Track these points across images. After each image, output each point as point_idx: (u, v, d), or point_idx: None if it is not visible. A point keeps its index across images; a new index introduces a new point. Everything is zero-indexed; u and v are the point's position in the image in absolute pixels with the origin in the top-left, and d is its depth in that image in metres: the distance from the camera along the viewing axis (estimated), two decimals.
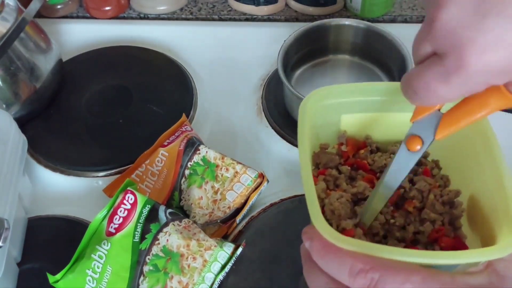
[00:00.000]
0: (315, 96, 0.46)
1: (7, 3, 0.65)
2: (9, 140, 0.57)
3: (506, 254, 0.35)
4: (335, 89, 0.47)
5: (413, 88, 0.34)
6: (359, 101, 0.48)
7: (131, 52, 0.81)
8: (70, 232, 0.60)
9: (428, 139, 0.40)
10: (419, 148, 0.41)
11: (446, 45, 0.31)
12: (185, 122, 0.67)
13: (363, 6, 0.83)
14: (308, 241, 0.37)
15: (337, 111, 0.48)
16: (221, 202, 0.59)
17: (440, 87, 0.32)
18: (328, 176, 0.47)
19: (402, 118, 0.48)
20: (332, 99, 0.47)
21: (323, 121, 0.48)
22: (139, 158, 0.64)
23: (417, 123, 0.40)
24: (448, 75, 0.31)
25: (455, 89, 0.32)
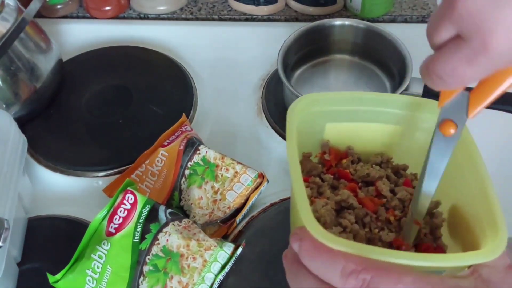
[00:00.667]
0: (303, 101, 0.46)
1: (7, 3, 0.65)
2: (9, 140, 0.57)
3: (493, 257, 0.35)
4: (322, 96, 0.47)
5: (438, 73, 0.34)
6: (345, 110, 0.48)
7: (131, 52, 0.81)
8: (70, 232, 0.60)
9: (461, 121, 0.40)
10: (454, 132, 0.40)
11: (471, 27, 0.31)
12: (185, 122, 0.67)
13: (363, 6, 0.83)
14: (297, 242, 0.36)
15: (322, 119, 0.48)
16: (221, 202, 0.59)
17: (467, 70, 0.32)
18: (312, 184, 0.47)
19: (385, 129, 0.49)
20: (319, 106, 0.47)
21: (308, 129, 0.48)
22: (139, 158, 0.64)
23: (446, 107, 0.40)
24: (475, 57, 0.31)
25: (481, 70, 0.32)
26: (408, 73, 0.64)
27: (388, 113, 0.48)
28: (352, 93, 0.48)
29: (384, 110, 0.48)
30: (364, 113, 0.48)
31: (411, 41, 0.70)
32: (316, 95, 0.47)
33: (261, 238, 0.58)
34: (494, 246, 0.37)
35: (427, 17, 0.86)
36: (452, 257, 0.37)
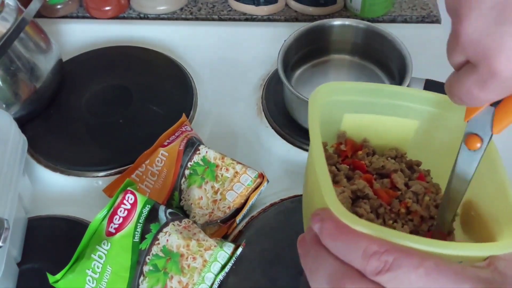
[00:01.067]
0: (323, 89, 0.46)
1: (7, 3, 0.65)
2: (9, 140, 0.57)
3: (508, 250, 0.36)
4: (342, 85, 0.47)
5: (456, 95, 0.35)
6: (364, 101, 0.48)
7: (131, 52, 0.81)
8: (70, 232, 0.60)
9: (486, 135, 0.40)
10: (479, 146, 0.41)
11: (475, 55, 0.32)
12: (185, 122, 0.67)
13: (363, 6, 0.83)
14: (318, 223, 0.36)
15: (341, 109, 0.48)
16: (221, 202, 0.59)
17: (481, 93, 0.33)
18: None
19: (402, 123, 0.49)
20: (338, 95, 0.47)
21: (325, 118, 0.47)
22: (139, 158, 0.64)
23: (472, 122, 0.40)
24: (485, 82, 0.32)
25: (493, 93, 0.33)
26: (408, 73, 0.64)
27: (407, 107, 0.47)
28: (373, 84, 0.48)
29: (403, 104, 0.47)
30: (383, 105, 0.48)
31: (411, 41, 0.70)
32: (337, 84, 0.47)
33: (261, 238, 0.58)
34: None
35: (427, 17, 0.86)
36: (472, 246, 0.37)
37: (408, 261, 0.32)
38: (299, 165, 0.66)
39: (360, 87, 0.48)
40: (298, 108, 0.68)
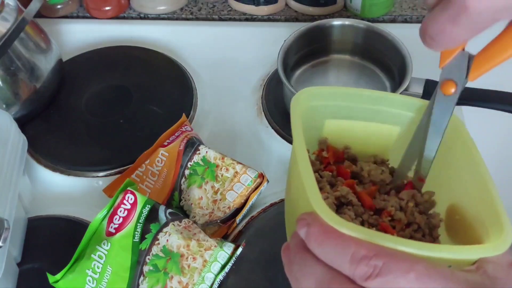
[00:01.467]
0: (305, 94, 0.46)
1: (7, 3, 0.65)
2: (9, 140, 0.57)
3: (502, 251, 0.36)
4: (322, 90, 0.47)
5: (430, 34, 0.35)
6: (344, 106, 0.48)
7: (131, 52, 0.81)
8: (70, 232, 0.60)
9: (461, 81, 0.41)
10: (454, 91, 0.42)
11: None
12: (185, 122, 0.67)
13: (363, 6, 0.83)
14: (304, 227, 0.34)
15: (322, 114, 0.48)
16: (221, 202, 0.59)
17: (453, 29, 0.34)
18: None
19: (384, 129, 0.49)
20: (319, 100, 0.47)
21: (307, 124, 0.47)
22: (139, 158, 0.64)
23: (447, 68, 0.41)
24: (458, 16, 0.33)
25: (467, 28, 0.34)
26: (408, 73, 0.64)
27: (388, 113, 0.48)
28: (353, 89, 0.48)
29: (384, 109, 0.48)
30: (364, 111, 0.48)
31: (411, 41, 0.69)
32: (316, 89, 0.47)
33: (261, 238, 0.58)
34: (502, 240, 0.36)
35: None
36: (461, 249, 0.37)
37: (398, 265, 0.32)
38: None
39: (340, 91, 0.48)
40: None
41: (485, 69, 0.40)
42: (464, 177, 0.44)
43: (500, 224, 0.38)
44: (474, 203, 0.42)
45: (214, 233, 0.59)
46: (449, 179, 0.47)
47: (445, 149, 0.46)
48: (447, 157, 0.46)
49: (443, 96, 0.42)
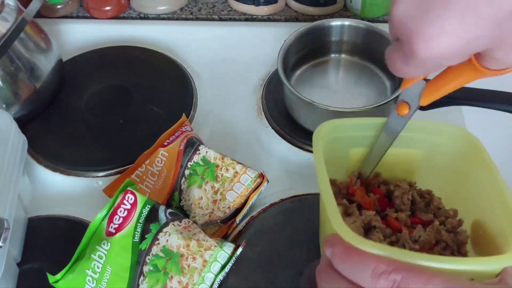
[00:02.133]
0: (326, 127, 0.48)
1: (7, 3, 0.65)
2: (9, 140, 0.57)
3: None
4: (342, 122, 0.50)
5: (388, 64, 0.39)
6: (367, 135, 0.51)
7: (131, 52, 0.81)
8: (70, 232, 0.60)
9: (414, 105, 0.46)
10: (407, 112, 0.47)
11: (400, 34, 0.36)
12: (185, 122, 0.67)
13: (363, 6, 0.83)
14: (329, 248, 0.37)
15: (346, 144, 0.51)
16: (221, 202, 0.59)
17: (403, 67, 0.38)
18: (339, 205, 0.49)
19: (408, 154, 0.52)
20: (340, 132, 0.50)
21: (332, 154, 0.49)
22: (139, 158, 0.64)
23: (405, 91, 0.46)
24: (406, 58, 0.36)
25: (415, 69, 0.37)
26: None
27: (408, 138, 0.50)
28: (374, 119, 0.51)
29: (404, 135, 0.50)
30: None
31: None
32: (337, 122, 0.50)
33: (261, 238, 0.58)
34: None
35: None
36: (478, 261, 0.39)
37: (416, 279, 0.33)
38: (299, 165, 0.67)
39: (362, 122, 0.51)
40: (298, 108, 0.68)
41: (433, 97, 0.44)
42: (485, 193, 0.46)
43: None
44: (496, 217, 0.44)
45: (214, 233, 0.59)
46: (471, 196, 0.48)
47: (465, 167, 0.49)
48: (468, 175, 0.48)
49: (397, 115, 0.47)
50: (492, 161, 0.46)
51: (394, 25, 0.36)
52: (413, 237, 0.46)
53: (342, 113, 0.64)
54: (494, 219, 0.44)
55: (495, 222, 0.44)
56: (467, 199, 0.49)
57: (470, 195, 0.49)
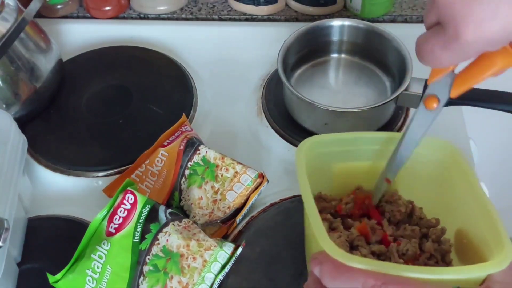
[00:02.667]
0: (308, 143, 0.49)
1: (7, 3, 0.65)
2: (9, 140, 0.57)
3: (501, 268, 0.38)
4: (324, 138, 0.51)
5: (421, 52, 0.38)
6: (348, 150, 0.51)
7: (131, 52, 0.81)
8: (70, 232, 0.60)
9: (444, 97, 0.44)
10: (436, 106, 0.45)
11: (446, 16, 0.35)
12: (185, 122, 0.67)
13: (363, 6, 0.83)
14: (317, 266, 0.37)
15: (328, 159, 0.52)
16: (221, 202, 0.59)
17: (442, 53, 0.36)
18: (324, 221, 0.50)
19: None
20: (322, 148, 0.51)
21: (316, 168, 0.51)
22: (139, 158, 0.64)
23: (433, 84, 0.44)
24: (448, 43, 0.35)
25: (454, 55, 0.36)
26: (408, 73, 0.64)
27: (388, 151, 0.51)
28: (354, 134, 0.52)
29: (389, 148, 0.51)
30: (366, 152, 0.52)
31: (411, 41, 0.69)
32: (319, 137, 0.51)
33: (261, 238, 0.58)
34: (501, 257, 0.39)
35: None
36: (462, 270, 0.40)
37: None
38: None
39: (342, 137, 0.51)
40: (298, 108, 0.68)
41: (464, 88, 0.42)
42: (466, 203, 0.47)
43: (501, 243, 0.40)
44: (478, 226, 0.45)
45: (214, 233, 0.59)
46: (454, 205, 0.49)
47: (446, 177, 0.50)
48: (449, 185, 0.50)
49: (425, 110, 0.45)
50: (472, 171, 0.47)
51: (439, 7, 0.35)
52: (400, 250, 0.48)
53: (342, 113, 0.64)
54: (476, 228, 0.45)
55: (478, 231, 0.45)
56: (450, 208, 0.50)
57: (452, 204, 0.50)
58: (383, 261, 0.47)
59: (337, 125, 0.65)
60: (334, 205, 0.52)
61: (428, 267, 0.43)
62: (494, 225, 0.42)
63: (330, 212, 0.52)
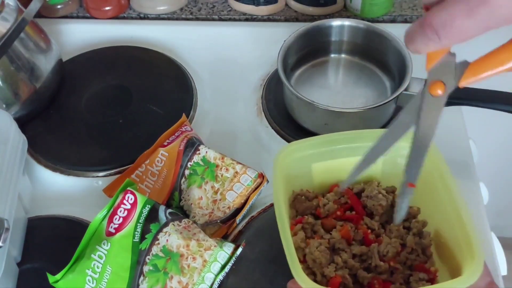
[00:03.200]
0: (285, 151, 0.51)
1: (7, 3, 0.65)
2: (9, 140, 0.57)
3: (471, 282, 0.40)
4: (301, 143, 0.52)
5: (434, 25, 0.34)
6: (327, 150, 0.53)
7: (131, 52, 0.81)
8: (70, 232, 0.60)
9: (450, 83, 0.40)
10: (442, 93, 0.40)
11: None
12: (185, 122, 0.67)
13: (363, 6, 0.83)
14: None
15: (307, 161, 0.53)
16: (221, 202, 0.59)
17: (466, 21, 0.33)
18: (306, 224, 0.51)
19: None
20: (300, 152, 0.52)
21: (296, 171, 0.53)
22: (139, 158, 0.64)
23: (434, 69, 0.40)
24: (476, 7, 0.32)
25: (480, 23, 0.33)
26: (408, 73, 0.64)
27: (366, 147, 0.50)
28: (330, 135, 0.53)
29: (362, 145, 0.51)
30: (343, 150, 0.53)
31: None
32: (295, 144, 0.52)
33: (261, 238, 0.58)
34: (471, 271, 0.41)
35: None
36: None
37: None
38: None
39: (318, 141, 0.53)
40: (298, 108, 0.68)
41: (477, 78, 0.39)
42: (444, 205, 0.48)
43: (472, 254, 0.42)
44: (453, 230, 0.46)
45: (214, 233, 0.59)
46: (434, 206, 0.50)
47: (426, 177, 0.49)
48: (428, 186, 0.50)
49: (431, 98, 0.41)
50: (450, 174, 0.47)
51: None
52: (381, 252, 0.49)
53: (342, 113, 0.64)
54: (451, 232, 0.47)
55: (453, 235, 0.46)
56: (428, 208, 0.51)
57: (431, 205, 0.50)
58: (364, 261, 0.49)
59: (337, 125, 0.65)
60: (315, 205, 0.53)
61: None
62: (467, 233, 0.43)
63: (312, 212, 0.53)
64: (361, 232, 0.50)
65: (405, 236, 0.50)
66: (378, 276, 0.48)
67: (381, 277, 0.48)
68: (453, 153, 0.67)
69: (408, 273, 0.48)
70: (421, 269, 0.48)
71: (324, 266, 0.47)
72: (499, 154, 1.21)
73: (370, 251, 0.49)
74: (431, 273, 0.48)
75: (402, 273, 0.48)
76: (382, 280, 0.47)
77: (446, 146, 0.68)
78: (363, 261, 0.49)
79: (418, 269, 0.48)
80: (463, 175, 0.65)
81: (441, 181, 0.48)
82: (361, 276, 0.48)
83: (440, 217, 0.49)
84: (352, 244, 0.50)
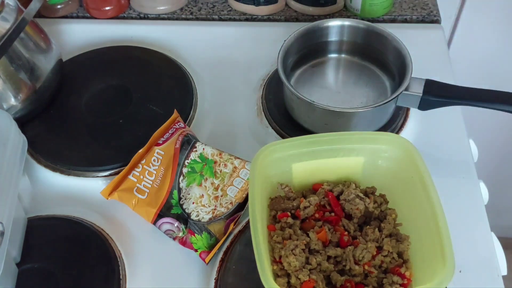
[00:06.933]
0: (265, 151, 0.52)
1: (7, 3, 0.65)
2: (9, 140, 0.57)
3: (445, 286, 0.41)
4: (280, 144, 0.53)
5: None
6: (307, 151, 0.54)
7: (131, 52, 0.81)
8: (70, 232, 0.60)
9: None
10: None
11: None
12: (177, 119, 0.66)
13: (363, 6, 0.83)
14: None
15: (287, 161, 0.54)
16: (223, 198, 0.60)
17: None
18: (284, 224, 0.52)
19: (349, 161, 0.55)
20: (280, 153, 0.53)
21: (276, 171, 0.54)
22: (133, 158, 0.63)
23: None
24: None
25: None
26: (408, 73, 0.64)
27: (347, 149, 0.53)
28: (312, 137, 0.54)
29: (343, 147, 0.53)
30: (325, 151, 0.54)
31: (411, 41, 0.69)
32: (274, 145, 0.53)
33: None
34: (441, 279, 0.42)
35: (427, 17, 0.86)
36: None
37: None
38: None
39: (300, 142, 0.53)
40: (298, 108, 0.68)
41: None
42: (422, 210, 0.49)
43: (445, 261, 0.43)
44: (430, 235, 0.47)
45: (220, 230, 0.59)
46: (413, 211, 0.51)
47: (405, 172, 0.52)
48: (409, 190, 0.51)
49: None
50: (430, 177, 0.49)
51: None
52: (357, 257, 0.49)
53: (342, 113, 0.64)
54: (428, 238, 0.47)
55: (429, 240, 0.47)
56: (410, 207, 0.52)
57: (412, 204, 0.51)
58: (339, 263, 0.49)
59: (337, 125, 0.65)
60: (295, 205, 0.53)
61: None
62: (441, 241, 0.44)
63: (291, 212, 0.53)
64: (339, 231, 0.51)
65: (381, 239, 0.51)
66: (352, 278, 0.48)
67: (354, 280, 0.48)
68: (453, 153, 0.68)
69: (382, 276, 0.49)
70: (395, 273, 0.48)
71: (299, 269, 0.47)
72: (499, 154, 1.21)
73: (345, 253, 0.49)
74: (405, 277, 0.48)
75: (376, 276, 0.48)
76: (355, 283, 0.48)
77: (445, 145, 0.68)
78: (338, 263, 0.50)
79: (393, 272, 0.49)
80: (463, 175, 0.65)
81: (422, 186, 0.49)
82: (335, 279, 0.48)
83: (420, 222, 0.49)
84: (328, 246, 0.50)
